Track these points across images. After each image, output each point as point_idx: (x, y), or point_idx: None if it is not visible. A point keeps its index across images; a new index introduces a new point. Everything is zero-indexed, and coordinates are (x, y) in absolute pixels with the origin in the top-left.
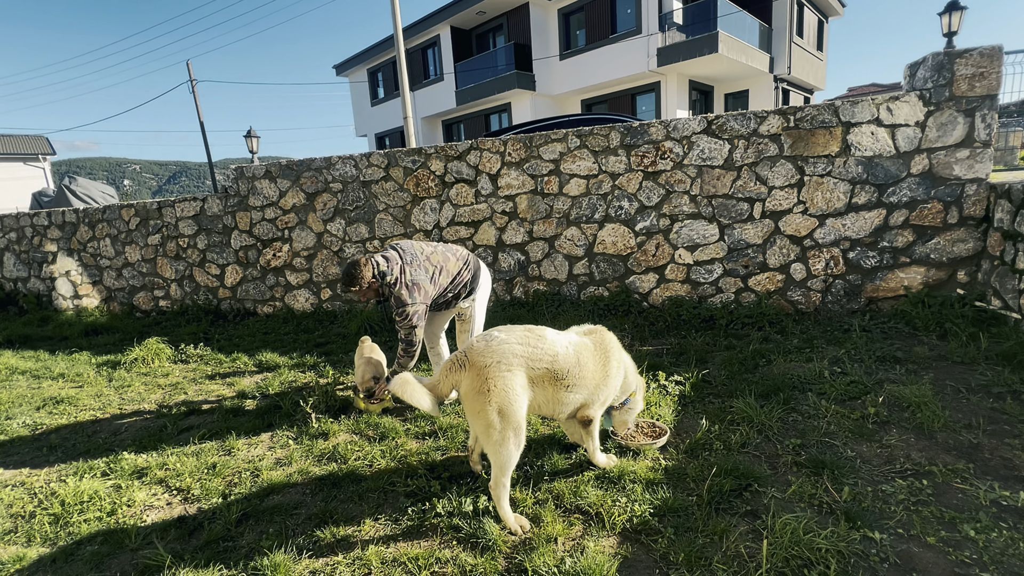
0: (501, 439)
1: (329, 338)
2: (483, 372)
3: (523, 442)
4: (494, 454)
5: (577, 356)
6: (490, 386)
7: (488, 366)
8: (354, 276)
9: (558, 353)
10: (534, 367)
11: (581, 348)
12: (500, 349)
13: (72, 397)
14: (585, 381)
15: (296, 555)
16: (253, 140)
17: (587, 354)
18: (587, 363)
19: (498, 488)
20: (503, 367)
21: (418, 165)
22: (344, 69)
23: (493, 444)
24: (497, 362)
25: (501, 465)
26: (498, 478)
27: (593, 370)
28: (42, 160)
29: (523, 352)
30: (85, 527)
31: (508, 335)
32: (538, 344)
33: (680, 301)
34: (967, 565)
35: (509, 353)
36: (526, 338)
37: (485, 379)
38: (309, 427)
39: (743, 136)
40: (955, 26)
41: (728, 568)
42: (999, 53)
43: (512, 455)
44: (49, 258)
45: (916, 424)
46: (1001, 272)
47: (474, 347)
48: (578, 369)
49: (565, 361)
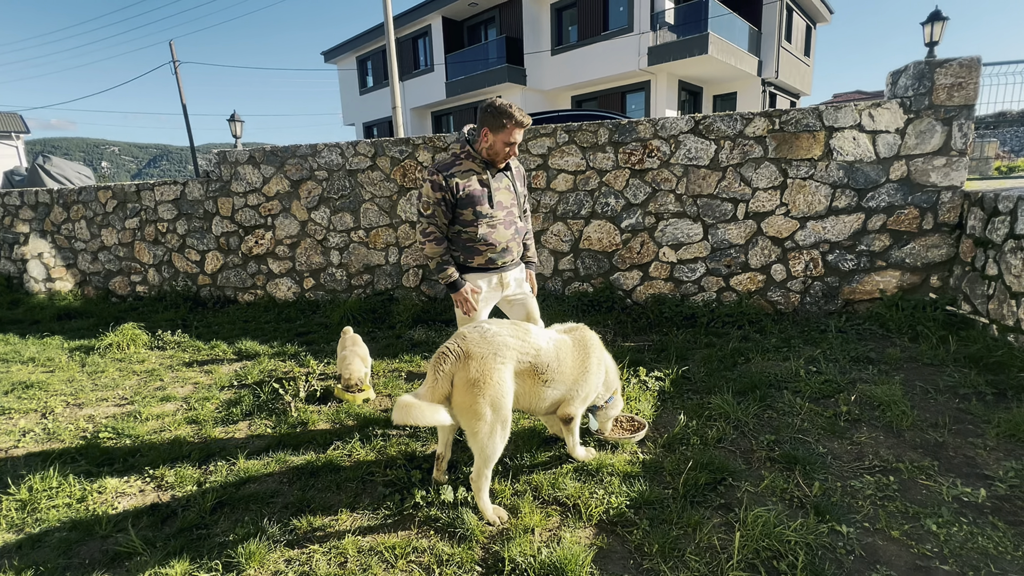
0: (491, 431)
1: (311, 328)
2: (480, 363)
3: (508, 435)
4: (481, 446)
5: (557, 352)
6: (487, 378)
7: (485, 357)
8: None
9: (541, 348)
10: (521, 360)
11: (561, 344)
12: (496, 340)
13: (43, 382)
14: (563, 377)
15: (271, 544)
16: (237, 124)
17: (566, 350)
18: (566, 359)
19: (480, 479)
20: (499, 359)
21: (405, 155)
22: (333, 56)
23: (482, 436)
24: (493, 353)
25: (487, 458)
26: (481, 470)
27: (572, 366)
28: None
29: (515, 344)
30: (54, 513)
31: (499, 327)
32: (525, 338)
33: (663, 299)
34: (928, 558)
35: (503, 345)
36: (515, 331)
37: (482, 370)
38: (288, 416)
39: (729, 137)
40: (936, 36)
41: (700, 559)
42: (977, 64)
43: (498, 448)
44: (21, 239)
45: (885, 422)
46: (972, 278)
47: (468, 337)
48: (557, 364)
49: (546, 356)
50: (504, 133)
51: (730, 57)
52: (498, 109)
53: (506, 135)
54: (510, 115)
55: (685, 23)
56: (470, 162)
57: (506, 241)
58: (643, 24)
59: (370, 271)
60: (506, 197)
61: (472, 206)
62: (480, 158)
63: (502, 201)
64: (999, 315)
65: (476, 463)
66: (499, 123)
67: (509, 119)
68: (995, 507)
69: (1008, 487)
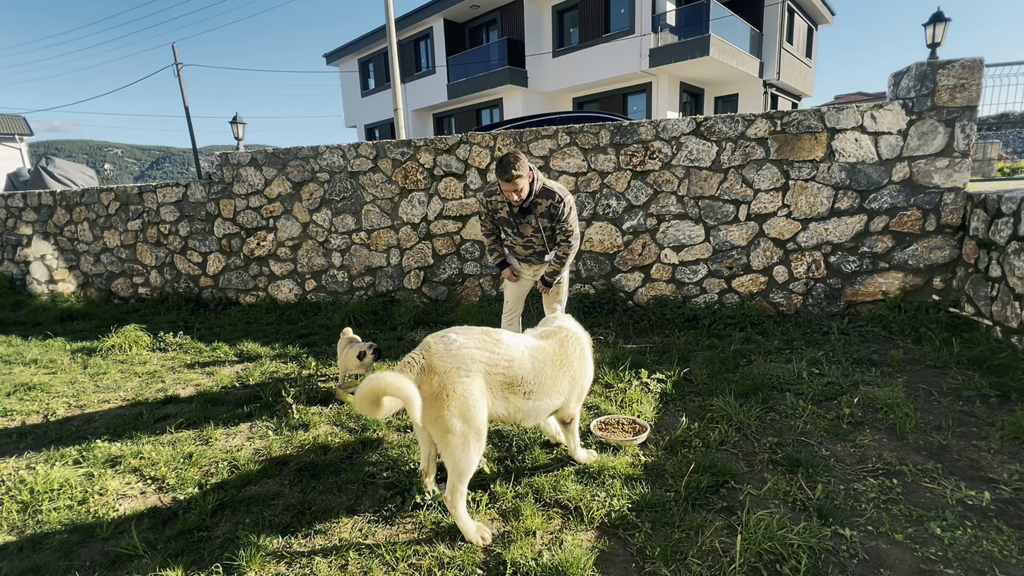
0: (462, 443)
1: (312, 329)
2: (443, 377)
3: (483, 447)
4: (454, 460)
5: (532, 362)
6: (450, 391)
7: (448, 371)
8: (514, 163)
9: (513, 358)
10: (491, 372)
11: (539, 352)
12: (460, 353)
13: (45, 383)
14: (544, 387)
15: (272, 546)
16: (239, 126)
17: (545, 358)
18: (545, 368)
19: (455, 495)
20: (462, 372)
21: (407, 157)
22: (335, 58)
23: (452, 449)
24: (456, 367)
25: (460, 472)
26: (455, 485)
27: (553, 374)
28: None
29: (481, 357)
30: (55, 515)
31: (466, 338)
32: (495, 349)
33: (665, 300)
34: (932, 561)
35: (468, 358)
36: (484, 342)
37: (444, 384)
38: (289, 418)
39: (731, 138)
40: (939, 37)
41: (703, 562)
42: (980, 65)
43: (472, 461)
44: (24, 241)
45: (889, 425)
46: (975, 279)
47: (432, 349)
48: (533, 376)
49: (520, 367)
50: (502, 183)
51: (731, 59)
52: (498, 161)
53: (504, 185)
54: (498, 170)
55: (686, 25)
56: (500, 197)
57: (524, 256)
58: (644, 26)
59: (371, 273)
60: (527, 230)
61: (503, 227)
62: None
63: (523, 232)
64: (1002, 317)
65: (449, 478)
66: (496, 176)
67: (496, 174)
68: (1000, 510)
69: (1012, 490)
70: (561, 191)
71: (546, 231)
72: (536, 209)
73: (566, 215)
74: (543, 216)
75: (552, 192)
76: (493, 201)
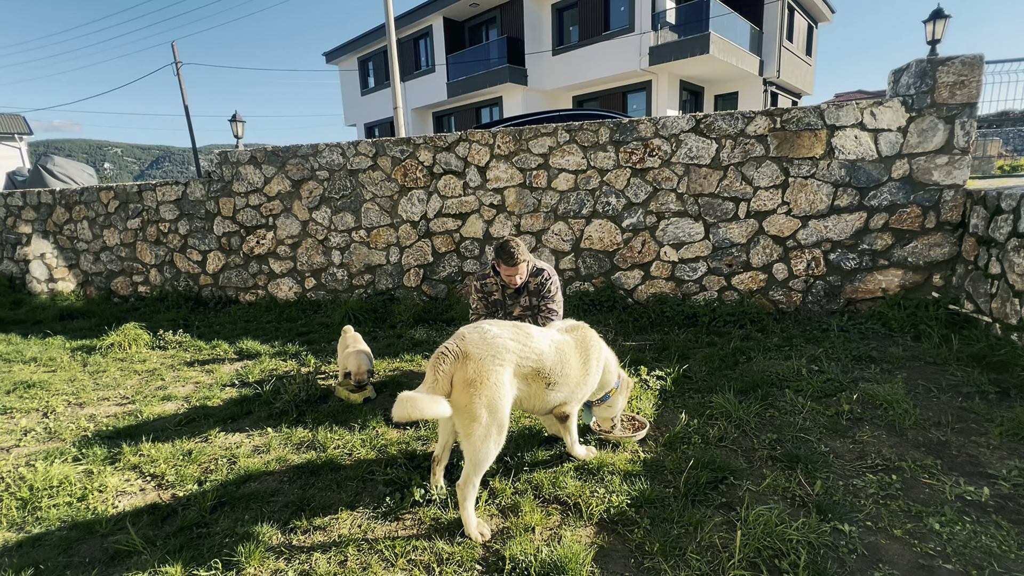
0: (485, 434)
1: (312, 327)
2: (478, 364)
3: (503, 442)
4: (474, 450)
5: (559, 354)
6: (483, 379)
7: (483, 359)
8: (516, 252)
9: (543, 352)
10: (522, 364)
11: (563, 346)
12: (496, 343)
13: (44, 381)
14: (567, 379)
15: (271, 542)
16: (238, 124)
17: (569, 352)
18: (570, 361)
19: (467, 487)
20: (496, 361)
21: (406, 155)
22: (334, 57)
23: (475, 439)
24: (492, 355)
25: (477, 462)
26: (469, 477)
27: (575, 366)
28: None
29: (515, 348)
30: (54, 512)
31: (500, 329)
32: (527, 342)
33: (664, 298)
34: (931, 556)
35: (503, 348)
36: (516, 334)
37: (479, 371)
38: (289, 415)
39: (730, 136)
40: (939, 34)
41: (702, 558)
42: (980, 62)
43: (491, 453)
44: (23, 240)
45: (888, 421)
46: (975, 276)
47: (468, 338)
48: (560, 367)
49: (549, 359)
50: (500, 268)
51: (731, 57)
52: (496, 248)
53: (502, 270)
54: (497, 256)
55: (686, 23)
56: (494, 280)
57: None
58: (644, 24)
59: (371, 271)
60: (516, 310)
61: (496, 309)
62: (502, 280)
63: (512, 312)
64: (1002, 314)
65: (465, 469)
66: (496, 260)
67: (496, 260)
68: (999, 506)
69: (1012, 486)
70: (549, 268)
71: (533, 309)
72: (527, 288)
73: (553, 293)
74: (532, 294)
75: (541, 269)
76: (487, 284)
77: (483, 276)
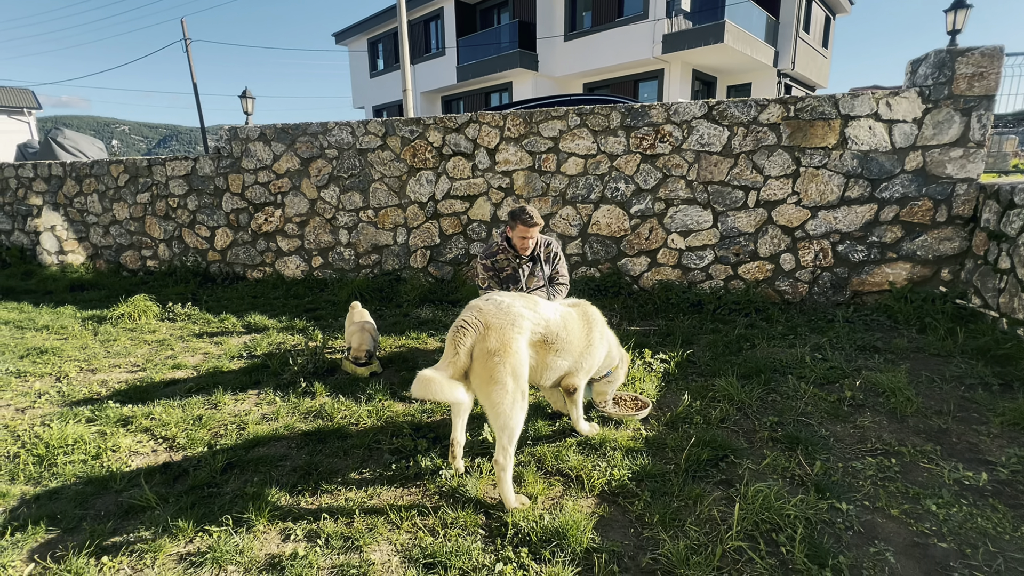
0: (512, 401)
1: (319, 304)
2: (500, 333)
3: (527, 408)
4: (505, 419)
5: (564, 322)
6: (506, 347)
7: (503, 327)
8: (534, 214)
9: (550, 319)
10: (534, 331)
11: (568, 316)
12: (512, 311)
13: (57, 348)
14: (571, 347)
15: (279, 503)
16: (248, 101)
17: (573, 322)
18: (573, 330)
19: (504, 458)
20: (516, 329)
21: (416, 135)
22: (344, 38)
23: (504, 407)
24: (511, 323)
25: (511, 430)
26: (505, 446)
27: (578, 336)
28: (27, 114)
29: (528, 315)
30: (70, 468)
31: (512, 299)
32: (536, 309)
33: (670, 285)
34: (926, 535)
35: (519, 315)
36: (526, 303)
37: (502, 340)
38: (297, 386)
39: (743, 123)
40: (959, 24)
41: (700, 529)
42: (1000, 54)
43: (520, 419)
44: (34, 211)
45: (889, 408)
46: (984, 271)
47: (484, 309)
48: (566, 334)
49: (555, 326)
50: (516, 230)
51: (746, 47)
52: (511, 212)
53: (516, 231)
54: (514, 219)
55: (701, 11)
56: (504, 255)
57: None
58: (658, 11)
59: (378, 251)
60: (532, 282)
61: (510, 285)
62: (514, 252)
63: (529, 285)
64: (1010, 308)
65: (500, 439)
66: (512, 222)
67: (515, 219)
68: (996, 490)
69: (1010, 472)
70: (550, 236)
71: (549, 281)
72: (538, 257)
73: (562, 258)
74: (544, 262)
75: (548, 240)
76: (498, 261)
77: (492, 253)
